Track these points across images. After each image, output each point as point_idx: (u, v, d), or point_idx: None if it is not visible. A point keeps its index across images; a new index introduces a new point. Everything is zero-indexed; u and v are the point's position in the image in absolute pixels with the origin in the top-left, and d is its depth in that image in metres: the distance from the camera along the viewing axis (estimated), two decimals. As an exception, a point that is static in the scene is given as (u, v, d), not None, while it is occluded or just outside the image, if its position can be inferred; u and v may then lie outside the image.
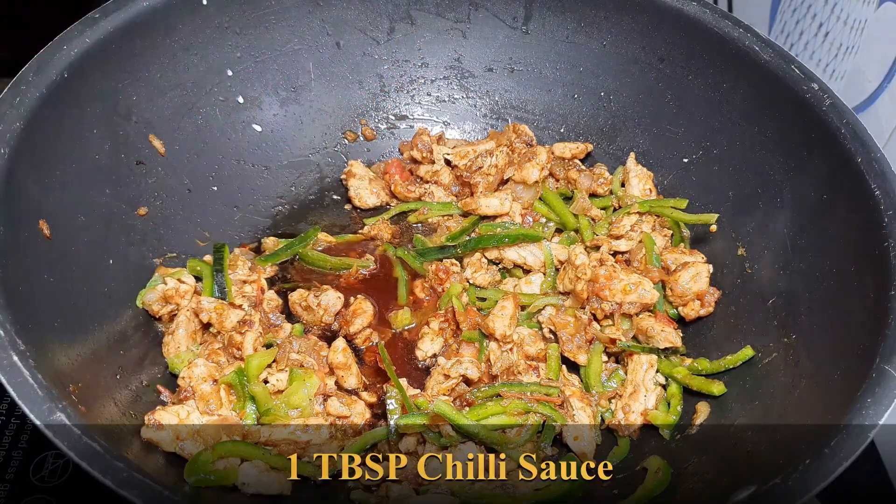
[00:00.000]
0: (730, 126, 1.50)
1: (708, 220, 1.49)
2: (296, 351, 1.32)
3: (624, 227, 1.54)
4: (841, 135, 1.28)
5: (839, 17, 1.62)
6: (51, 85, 1.20)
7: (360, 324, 1.44)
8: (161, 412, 1.20)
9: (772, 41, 1.43)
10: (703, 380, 1.33)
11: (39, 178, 1.19)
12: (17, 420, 1.45)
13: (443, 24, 1.72)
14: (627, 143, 1.68)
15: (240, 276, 1.47)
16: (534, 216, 1.61)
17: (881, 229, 1.17)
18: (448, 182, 1.70)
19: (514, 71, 1.75)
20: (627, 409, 1.33)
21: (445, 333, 1.46)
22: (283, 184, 1.70)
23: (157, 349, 1.37)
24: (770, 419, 1.19)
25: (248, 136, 1.65)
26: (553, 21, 1.67)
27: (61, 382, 1.03)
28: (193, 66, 1.52)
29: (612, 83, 1.67)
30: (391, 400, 1.29)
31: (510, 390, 1.31)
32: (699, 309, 1.45)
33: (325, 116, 1.74)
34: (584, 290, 1.41)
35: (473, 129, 1.82)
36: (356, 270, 1.56)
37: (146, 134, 1.46)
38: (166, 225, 1.48)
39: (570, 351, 1.39)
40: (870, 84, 1.55)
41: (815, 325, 1.25)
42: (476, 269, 1.54)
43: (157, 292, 1.39)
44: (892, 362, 1.03)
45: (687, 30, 1.52)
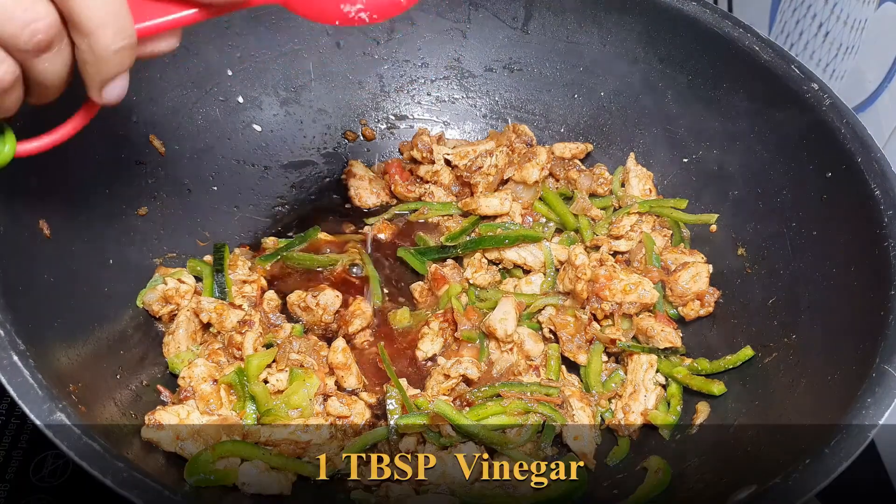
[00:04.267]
0: (730, 126, 1.50)
1: (708, 220, 1.49)
2: (296, 351, 1.32)
3: (624, 228, 1.54)
4: (841, 135, 1.28)
5: (839, 17, 1.62)
6: (51, 85, 1.20)
7: (359, 324, 1.44)
8: (161, 412, 1.21)
9: (772, 41, 1.43)
10: (703, 380, 1.33)
11: (39, 178, 1.19)
12: (17, 420, 1.45)
13: (443, 24, 1.72)
14: (627, 143, 1.68)
15: (240, 276, 1.47)
16: (534, 216, 1.61)
17: (881, 229, 1.17)
18: (448, 182, 1.70)
19: (514, 71, 1.75)
20: (627, 409, 1.33)
21: (445, 333, 1.46)
22: (283, 184, 1.70)
23: (158, 349, 1.37)
24: (770, 419, 1.19)
25: (248, 136, 1.65)
26: (553, 21, 1.67)
27: (61, 382, 1.03)
28: (193, 66, 1.52)
29: (612, 83, 1.67)
30: (391, 400, 1.29)
31: (510, 390, 1.31)
32: (699, 309, 1.45)
33: (325, 116, 1.74)
34: (584, 290, 1.42)
35: (473, 129, 1.82)
36: (343, 266, 1.56)
37: (146, 134, 1.45)
38: (166, 225, 1.48)
39: (570, 351, 1.39)
40: (870, 84, 1.55)
41: (815, 325, 1.25)
42: (476, 270, 1.54)
43: (158, 292, 1.39)
44: (892, 362, 1.03)
45: (687, 30, 1.52)
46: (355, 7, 0.93)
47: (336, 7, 0.93)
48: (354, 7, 0.93)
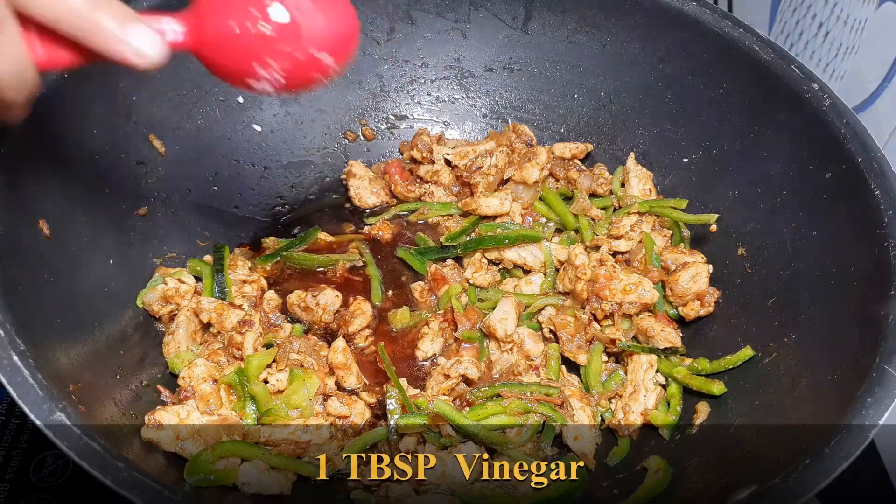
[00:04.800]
0: (730, 126, 1.50)
1: (708, 220, 1.49)
2: (296, 351, 1.32)
3: (624, 228, 1.54)
4: (841, 135, 1.28)
5: (839, 17, 1.62)
6: (51, 84, 1.20)
7: (359, 324, 1.44)
8: (161, 412, 1.21)
9: (772, 41, 1.43)
10: (703, 379, 1.33)
11: (39, 177, 1.19)
12: (17, 420, 1.45)
13: (443, 24, 1.72)
14: (627, 143, 1.68)
15: (240, 276, 1.47)
16: (534, 216, 1.61)
17: (881, 229, 1.17)
18: (448, 182, 1.70)
19: (514, 71, 1.75)
20: (627, 409, 1.33)
21: (445, 333, 1.46)
22: (283, 184, 1.70)
23: (158, 349, 1.37)
24: (770, 419, 1.19)
25: (248, 136, 1.65)
26: (553, 21, 1.67)
27: (61, 382, 1.03)
28: (194, 65, 1.50)
29: (612, 83, 1.67)
30: (391, 400, 1.29)
31: (510, 390, 1.31)
32: (699, 309, 1.45)
33: (325, 116, 1.74)
34: (584, 290, 1.42)
35: (473, 129, 1.82)
36: (343, 266, 1.56)
37: (146, 134, 1.45)
38: (166, 225, 1.48)
39: (570, 351, 1.39)
40: (870, 84, 1.55)
41: (815, 325, 1.25)
42: (476, 269, 1.54)
43: (157, 292, 1.39)
44: (892, 362, 1.03)
45: (687, 30, 1.52)
46: (271, 75, 0.89)
47: (250, 70, 0.90)
48: (271, 75, 0.89)
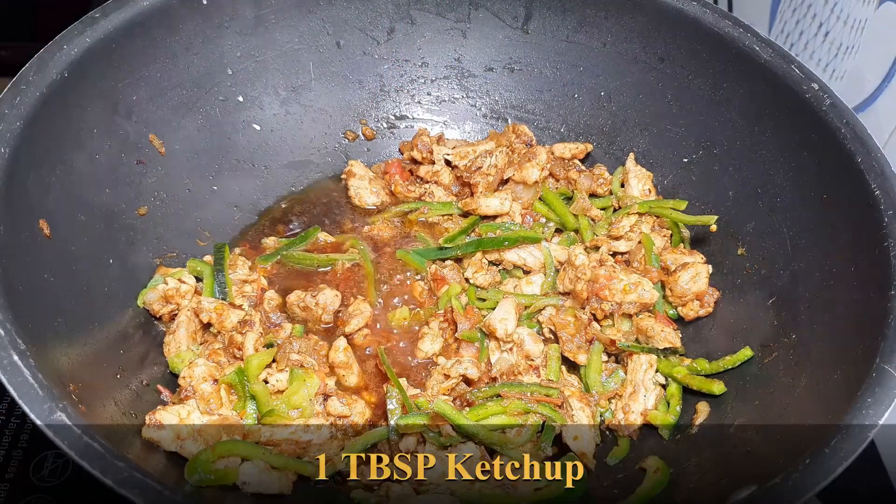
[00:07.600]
0: (730, 126, 1.50)
1: (707, 221, 1.49)
2: (296, 351, 1.32)
3: (623, 228, 1.54)
4: (841, 135, 1.28)
5: (839, 17, 1.62)
6: (51, 84, 1.20)
7: (358, 323, 1.44)
8: (162, 412, 1.21)
9: (772, 41, 1.43)
10: (702, 379, 1.33)
11: (39, 177, 1.19)
12: (17, 420, 1.45)
13: (443, 24, 1.72)
14: (627, 143, 1.68)
15: (240, 276, 1.48)
16: (534, 216, 1.61)
17: (881, 229, 1.17)
18: (448, 182, 1.70)
19: (514, 71, 1.75)
20: (627, 409, 1.33)
21: (445, 333, 1.46)
22: (283, 184, 1.70)
23: (158, 349, 1.37)
24: (770, 419, 1.19)
25: (248, 136, 1.65)
26: (553, 21, 1.67)
27: (61, 382, 1.03)
28: (193, 65, 1.52)
29: (612, 83, 1.67)
30: (391, 400, 1.29)
31: (510, 390, 1.31)
32: (698, 309, 1.45)
33: (325, 116, 1.74)
34: (583, 290, 1.42)
35: (473, 129, 1.82)
36: (342, 266, 1.56)
37: (146, 134, 1.45)
38: (166, 225, 1.48)
39: (570, 351, 1.39)
40: (870, 84, 1.55)
41: (815, 325, 1.25)
42: (476, 270, 1.54)
43: (158, 292, 1.39)
44: (892, 362, 1.03)
45: (687, 30, 1.52)
46: None
47: None
48: None
